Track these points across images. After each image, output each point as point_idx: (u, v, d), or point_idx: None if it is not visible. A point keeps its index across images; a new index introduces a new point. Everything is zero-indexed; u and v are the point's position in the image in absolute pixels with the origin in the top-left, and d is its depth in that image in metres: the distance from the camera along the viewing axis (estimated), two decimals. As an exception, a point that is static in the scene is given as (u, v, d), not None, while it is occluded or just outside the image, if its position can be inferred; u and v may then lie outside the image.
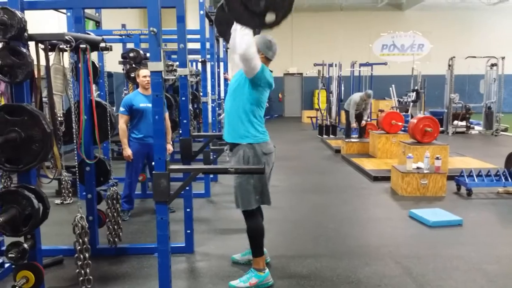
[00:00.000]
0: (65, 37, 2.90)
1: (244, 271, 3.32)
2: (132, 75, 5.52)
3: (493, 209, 5.16)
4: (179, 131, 6.98)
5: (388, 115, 8.51)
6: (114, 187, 3.68)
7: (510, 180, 5.64)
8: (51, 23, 8.39)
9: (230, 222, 4.70)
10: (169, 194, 2.67)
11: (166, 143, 2.68)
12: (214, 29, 6.79)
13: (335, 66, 12.69)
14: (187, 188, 3.60)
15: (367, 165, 7.52)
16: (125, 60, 5.83)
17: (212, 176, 6.39)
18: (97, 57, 5.58)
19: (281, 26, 2.56)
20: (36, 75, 2.74)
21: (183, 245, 3.86)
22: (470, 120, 12.95)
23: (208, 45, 6.65)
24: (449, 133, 12.24)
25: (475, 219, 4.76)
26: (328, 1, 18.57)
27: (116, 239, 3.76)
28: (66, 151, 4.22)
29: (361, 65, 13.45)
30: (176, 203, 4.66)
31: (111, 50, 3.48)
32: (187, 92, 3.90)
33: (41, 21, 6.74)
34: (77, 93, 3.39)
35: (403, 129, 8.57)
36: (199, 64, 7.63)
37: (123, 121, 4.68)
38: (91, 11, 6.47)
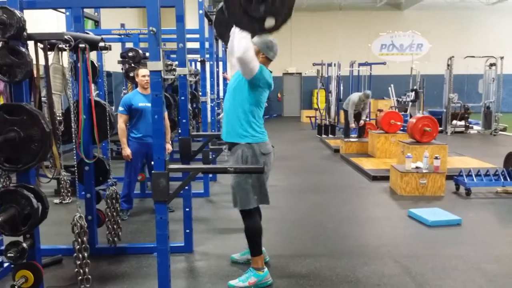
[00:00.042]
0: (64, 37, 2.90)
1: (243, 270, 3.32)
2: (131, 74, 5.52)
3: (492, 209, 5.17)
4: (178, 130, 6.98)
5: (387, 114, 8.52)
6: (113, 186, 3.68)
7: (509, 179, 5.65)
8: (50, 23, 8.39)
9: (229, 221, 4.70)
10: (168, 193, 2.67)
11: (165, 142, 2.68)
12: (213, 29, 6.80)
13: (334, 65, 12.69)
14: (186, 187, 3.60)
15: (366, 164, 7.53)
16: (124, 59, 5.83)
17: (211, 175, 6.39)
18: (96, 56, 5.59)
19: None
20: (35, 74, 2.73)
21: (182, 244, 3.86)
22: (469, 119, 12.96)
23: (207, 45, 6.64)
24: (447, 132, 12.25)
25: (474, 219, 4.77)
26: (327, 0, 18.59)
27: (116, 239, 3.76)
28: (65, 151, 4.22)
29: (360, 64, 13.46)
30: (175, 203, 4.66)
31: (110, 49, 3.49)
32: (186, 91, 3.90)
33: (40, 21, 6.74)
34: (76, 92, 3.39)
35: (402, 128, 8.57)
36: (198, 63, 7.63)
37: (122, 121, 4.68)
38: (90, 11, 6.46)
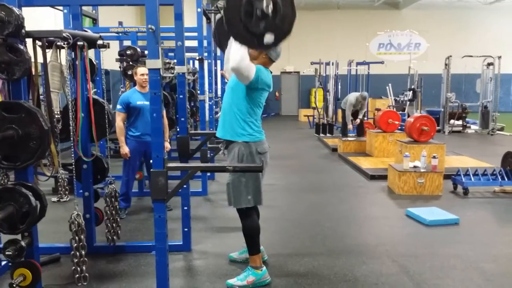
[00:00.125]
0: (63, 34, 2.89)
1: (242, 269, 3.32)
2: (129, 72, 5.50)
3: (489, 208, 5.19)
4: (176, 129, 6.97)
5: (385, 114, 8.52)
6: (112, 185, 3.68)
7: (506, 179, 5.66)
8: (48, 21, 8.37)
9: (227, 220, 4.70)
10: (167, 192, 2.67)
11: (164, 141, 2.67)
12: (212, 27, 6.79)
13: (332, 64, 12.68)
14: (184, 186, 3.60)
15: (364, 163, 7.53)
16: (122, 57, 5.82)
17: (209, 174, 6.38)
18: (94, 54, 5.57)
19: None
20: (33, 72, 2.73)
21: (180, 243, 3.86)
22: (467, 119, 13.00)
23: (205, 43, 6.64)
24: (445, 132, 12.27)
25: (472, 218, 4.78)
26: (325, -1, 18.59)
27: (115, 237, 3.75)
28: (63, 149, 4.20)
29: (358, 63, 13.45)
30: (173, 201, 4.64)
31: (108, 47, 3.48)
32: (184, 90, 3.89)
33: (38, 19, 6.72)
34: (74, 90, 3.38)
35: (400, 128, 8.59)
36: (196, 62, 7.62)
37: (120, 119, 4.66)
38: (87, 8, 6.45)
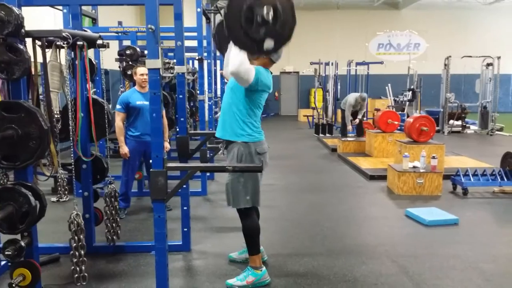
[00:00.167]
0: (63, 34, 2.89)
1: (241, 269, 3.32)
2: (129, 72, 5.50)
3: (489, 209, 5.19)
4: (176, 129, 6.97)
5: (384, 114, 8.52)
6: (112, 184, 3.67)
7: (506, 179, 5.67)
8: (47, 20, 8.36)
9: (227, 220, 4.70)
10: (166, 192, 2.66)
11: (163, 141, 2.67)
12: (211, 27, 6.79)
13: (331, 64, 12.68)
14: (184, 186, 3.59)
15: (363, 164, 7.54)
16: (121, 57, 5.81)
17: (208, 174, 6.38)
18: (93, 54, 5.57)
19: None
20: (33, 72, 2.72)
21: (180, 243, 3.85)
22: (466, 119, 13.00)
23: (205, 43, 6.64)
24: (444, 132, 12.28)
25: (471, 218, 4.78)
26: (325, -1, 18.60)
27: (115, 237, 3.75)
28: (62, 149, 4.20)
29: (357, 64, 13.45)
30: (173, 201, 4.64)
31: (108, 47, 3.47)
32: (184, 90, 3.88)
33: (37, 18, 6.72)
34: (74, 90, 3.38)
35: (399, 128, 8.59)
36: (196, 62, 7.61)
37: (119, 119, 4.66)
38: (87, 8, 6.44)
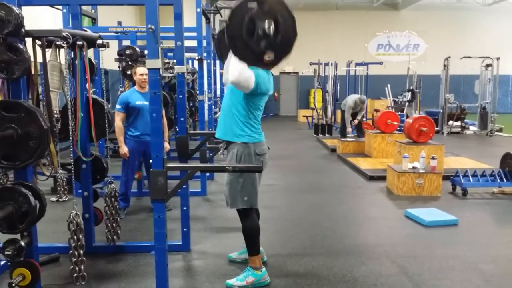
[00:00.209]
0: (62, 34, 2.88)
1: (241, 269, 3.32)
2: (129, 72, 5.50)
3: (488, 209, 5.19)
4: (175, 129, 6.97)
5: (384, 114, 8.52)
6: (112, 184, 3.67)
7: (505, 180, 5.67)
8: (47, 20, 8.36)
9: (227, 220, 4.69)
10: (166, 192, 2.66)
11: (163, 141, 2.67)
12: (211, 27, 6.79)
13: (331, 65, 12.70)
14: (183, 186, 3.59)
15: (363, 164, 7.54)
16: (121, 57, 5.81)
17: (208, 174, 6.38)
18: (93, 54, 5.56)
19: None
20: (33, 71, 2.72)
21: (179, 243, 3.85)
22: (465, 120, 13.01)
23: (204, 43, 6.64)
24: (444, 133, 12.28)
25: (471, 219, 4.78)
26: (324, 0, 18.57)
27: (114, 237, 3.75)
28: (62, 149, 4.19)
29: (356, 64, 13.46)
30: (172, 201, 4.63)
31: (108, 47, 3.47)
32: (184, 90, 3.88)
33: (37, 18, 6.71)
34: (74, 90, 3.37)
35: (399, 128, 8.59)
36: (196, 62, 7.61)
37: (119, 119, 4.66)
38: (87, 8, 6.44)
